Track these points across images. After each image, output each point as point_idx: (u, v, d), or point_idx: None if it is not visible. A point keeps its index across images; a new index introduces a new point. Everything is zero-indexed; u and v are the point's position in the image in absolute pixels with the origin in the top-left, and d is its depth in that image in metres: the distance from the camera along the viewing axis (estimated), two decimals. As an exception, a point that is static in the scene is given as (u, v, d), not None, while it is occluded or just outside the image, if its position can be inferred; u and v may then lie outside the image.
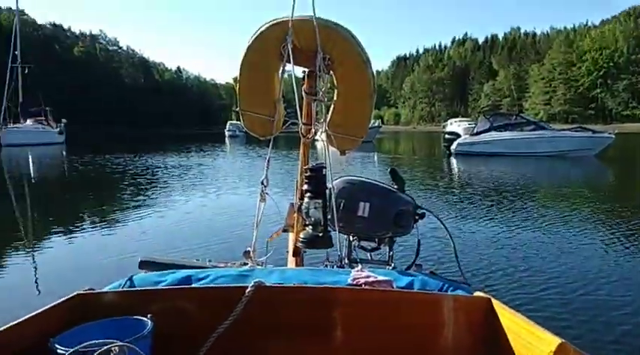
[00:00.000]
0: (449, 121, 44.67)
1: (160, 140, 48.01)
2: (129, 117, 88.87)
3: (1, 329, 1.25)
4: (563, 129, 27.21)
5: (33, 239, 7.86)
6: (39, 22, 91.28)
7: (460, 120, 43.47)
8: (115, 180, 16.30)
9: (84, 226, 8.61)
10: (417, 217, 2.69)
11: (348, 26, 2.58)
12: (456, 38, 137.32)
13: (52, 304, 1.44)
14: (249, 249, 2.56)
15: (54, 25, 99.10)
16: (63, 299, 1.49)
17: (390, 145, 44.31)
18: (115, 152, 28.65)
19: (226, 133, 63.02)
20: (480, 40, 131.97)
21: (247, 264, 2.47)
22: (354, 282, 1.75)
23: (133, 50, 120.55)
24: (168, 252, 6.15)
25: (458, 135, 27.01)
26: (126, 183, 15.41)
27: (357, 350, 1.58)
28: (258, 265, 2.42)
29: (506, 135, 24.55)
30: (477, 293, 1.66)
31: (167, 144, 40.09)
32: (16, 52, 42.14)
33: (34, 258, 6.59)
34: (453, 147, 25.49)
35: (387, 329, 1.57)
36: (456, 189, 13.39)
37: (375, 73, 2.73)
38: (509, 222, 8.55)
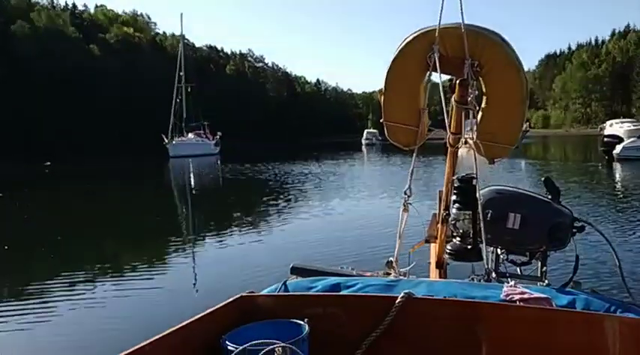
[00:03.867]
0: (608, 123, 39.73)
1: (301, 149, 50.47)
2: (273, 129, 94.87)
3: (177, 327, 1.39)
4: None
5: (193, 241, 8.84)
6: (197, 45, 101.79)
7: (622, 122, 38.53)
8: (260, 188, 17.54)
9: (235, 231, 9.41)
10: (574, 230, 2.47)
11: (493, 27, 2.47)
12: (616, 31, 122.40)
13: (219, 305, 1.57)
14: (391, 259, 2.57)
15: (209, 47, 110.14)
16: (229, 300, 1.62)
17: (539, 150, 41.10)
18: (262, 161, 30.83)
19: (363, 142, 63.85)
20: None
21: (390, 273, 2.49)
22: (508, 298, 1.66)
23: (277, 66, 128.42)
24: (313, 257, 6.45)
25: (619, 138, 24.01)
26: (270, 190, 16.49)
27: None
28: (401, 275, 2.42)
29: None
30: None
31: (308, 152, 42.03)
32: (181, 74, 47.82)
33: (194, 261, 7.38)
34: (617, 151, 22.73)
35: (544, 350, 1.47)
36: (619, 199, 11.95)
37: (527, 76, 2.57)
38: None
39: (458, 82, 2.30)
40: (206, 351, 1.44)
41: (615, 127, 33.28)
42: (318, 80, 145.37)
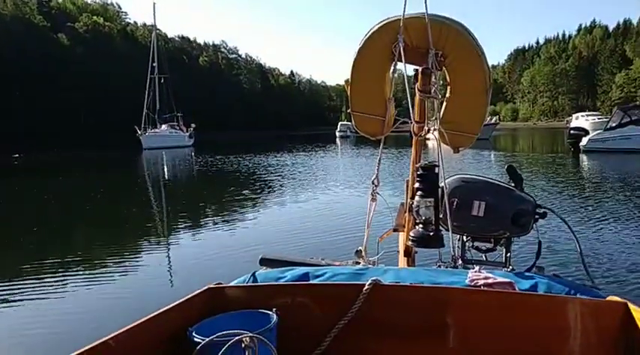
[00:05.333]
0: (574, 116, 40.87)
1: (275, 141, 50.18)
2: (248, 120, 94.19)
3: (145, 318, 1.39)
4: None
5: (164, 233, 8.76)
6: (169, 35, 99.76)
7: (587, 115, 39.54)
8: (233, 179, 17.44)
9: (205, 223, 9.36)
10: (537, 217, 2.52)
11: (461, 20, 2.50)
12: (582, 26, 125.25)
13: (187, 296, 1.57)
14: (360, 248, 2.59)
15: (182, 37, 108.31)
16: (196, 292, 1.62)
17: (507, 143, 41.86)
18: (235, 153, 30.60)
19: (337, 134, 63.69)
20: (611, 27, 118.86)
21: (359, 262, 2.50)
22: (472, 283, 1.69)
23: (251, 57, 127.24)
24: (283, 248, 6.46)
25: (584, 131, 24.60)
26: (242, 181, 16.41)
27: (475, 353, 1.55)
28: (369, 264, 2.44)
29: None
30: (611, 298, 1.54)
31: (281, 145, 41.85)
32: (154, 64, 46.77)
33: (164, 252, 7.31)
34: (583, 143, 23.28)
35: (508, 333, 1.52)
36: (583, 188, 12.28)
37: (490, 67, 2.61)
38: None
39: (420, 71, 2.32)
40: (173, 343, 1.43)
41: (581, 120, 34.22)
42: (292, 72, 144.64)
